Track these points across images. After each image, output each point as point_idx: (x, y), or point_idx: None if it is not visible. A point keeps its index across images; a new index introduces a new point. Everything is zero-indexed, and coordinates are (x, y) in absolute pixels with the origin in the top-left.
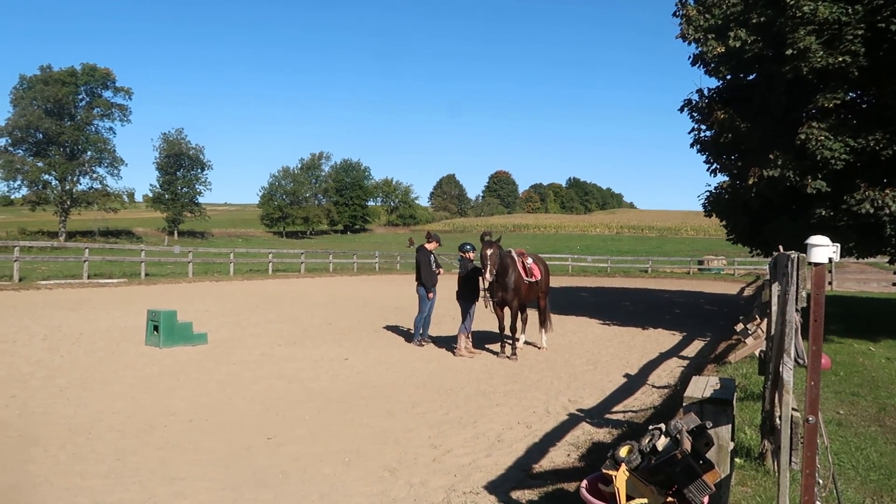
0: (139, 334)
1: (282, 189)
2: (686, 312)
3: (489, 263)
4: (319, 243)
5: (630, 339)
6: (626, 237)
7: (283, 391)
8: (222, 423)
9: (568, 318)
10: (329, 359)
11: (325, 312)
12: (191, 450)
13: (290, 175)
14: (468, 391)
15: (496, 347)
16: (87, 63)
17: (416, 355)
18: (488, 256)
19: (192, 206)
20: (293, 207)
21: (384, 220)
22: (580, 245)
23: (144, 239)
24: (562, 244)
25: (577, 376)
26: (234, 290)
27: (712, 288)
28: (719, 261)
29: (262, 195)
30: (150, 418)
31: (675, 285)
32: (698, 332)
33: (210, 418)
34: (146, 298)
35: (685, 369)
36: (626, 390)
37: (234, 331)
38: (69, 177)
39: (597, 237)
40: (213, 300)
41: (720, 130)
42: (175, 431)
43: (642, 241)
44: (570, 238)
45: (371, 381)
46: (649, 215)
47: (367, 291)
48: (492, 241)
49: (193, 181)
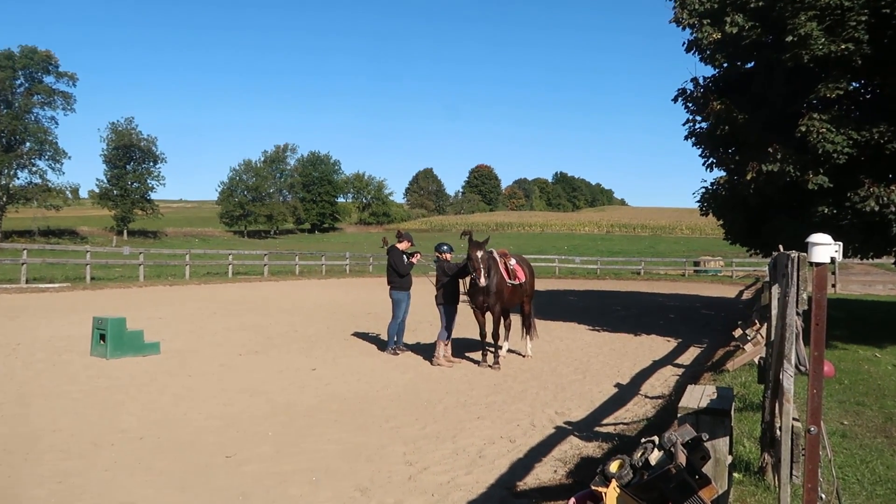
0: (84, 344)
1: (243, 184)
2: (681, 317)
3: (481, 267)
4: (284, 243)
5: (621, 346)
6: (616, 237)
7: (245, 405)
8: (177, 441)
9: (555, 323)
10: (295, 369)
11: (291, 319)
12: (142, 470)
13: (252, 169)
14: (447, 403)
15: (477, 356)
16: (26, 45)
17: (390, 365)
18: (479, 259)
19: (144, 202)
20: (255, 204)
21: (355, 219)
22: (568, 245)
23: (90, 239)
24: (548, 244)
25: (565, 386)
26: (191, 296)
27: (709, 291)
28: (716, 262)
29: (222, 191)
30: (96, 436)
31: (670, 288)
32: (694, 338)
33: (163, 436)
34: (92, 305)
35: (680, 378)
36: (618, 401)
37: (191, 340)
38: (6, 171)
39: (585, 237)
40: (167, 306)
41: (716, 122)
42: (124, 451)
43: (634, 241)
44: (557, 237)
45: (341, 394)
46: (642, 213)
47: (337, 296)
48: (479, 243)
49: (145, 176)
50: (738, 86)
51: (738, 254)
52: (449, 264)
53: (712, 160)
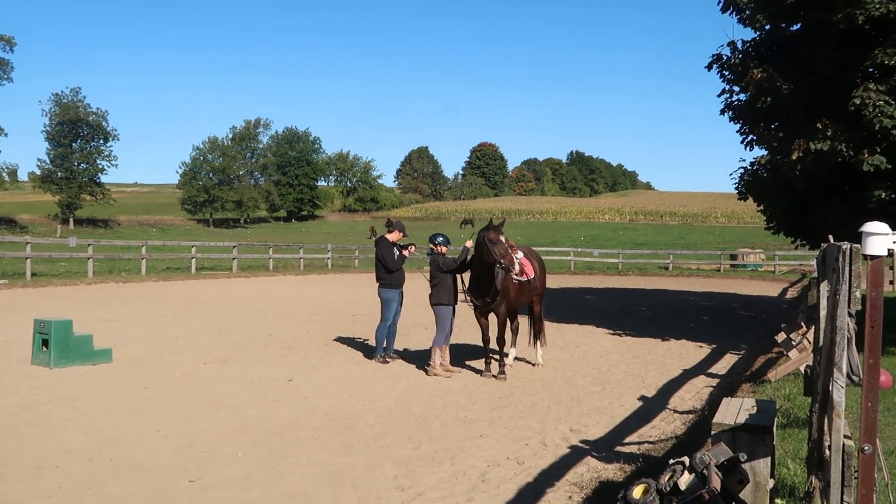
0: (23, 351)
1: (208, 166)
2: (716, 319)
3: (513, 254)
4: (256, 234)
5: (646, 352)
6: (641, 226)
7: (211, 421)
8: (132, 463)
9: (569, 326)
10: (269, 380)
11: (264, 321)
12: (91, 496)
13: (218, 148)
14: (445, 419)
15: (479, 364)
16: None
17: (379, 375)
18: (504, 242)
19: (93, 186)
20: (222, 189)
21: (339, 205)
22: (584, 236)
23: (30, 228)
24: (562, 234)
25: (581, 399)
26: (148, 294)
27: (748, 289)
28: (756, 255)
29: (183, 173)
30: (38, 458)
31: (703, 285)
32: (731, 343)
33: (116, 456)
34: (33, 305)
35: (714, 390)
36: (642, 416)
37: (148, 345)
38: None
39: (605, 226)
40: (121, 306)
41: (757, 93)
42: (71, 474)
43: (662, 231)
44: (573, 227)
45: (322, 408)
46: (670, 198)
47: (318, 295)
48: (497, 226)
49: (94, 155)
50: (782, 51)
51: (781, 245)
52: (445, 258)
53: (752, 137)
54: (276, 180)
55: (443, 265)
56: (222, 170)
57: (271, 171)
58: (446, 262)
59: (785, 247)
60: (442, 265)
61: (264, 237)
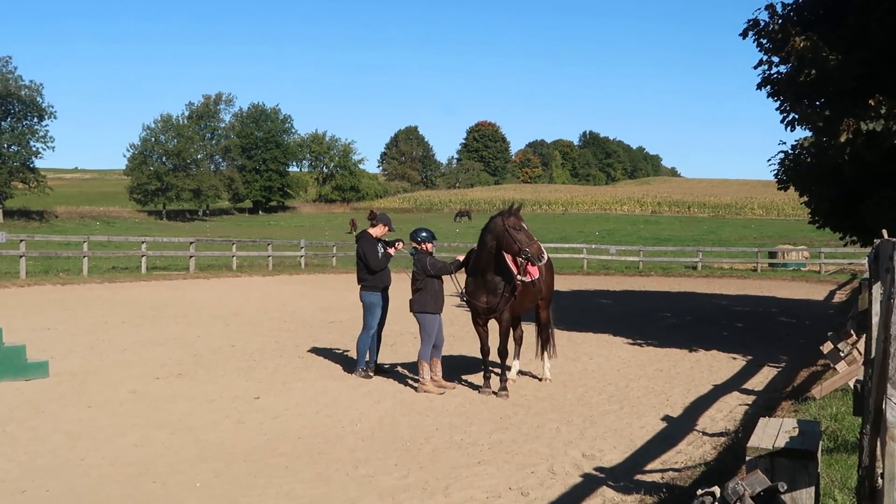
0: None
1: (161, 148)
2: (752, 327)
3: (534, 243)
4: (218, 228)
5: (671, 365)
6: (665, 218)
7: (165, 445)
8: (73, 495)
9: (582, 335)
10: (232, 398)
11: (227, 329)
12: None
13: (173, 127)
14: (437, 443)
15: (477, 379)
16: None
17: (360, 391)
18: (524, 229)
19: (26, 172)
20: (178, 175)
21: (313, 195)
22: (600, 230)
23: None
24: (573, 228)
25: (595, 420)
26: (91, 298)
27: (789, 291)
28: (799, 253)
29: (132, 157)
30: None
31: (737, 288)
32: (769, 354)
33: (53, 488)
34: None
35: (750, 408)
36: (666, 440)
37: (91, 358)
38: None
39: (624, 218)
40: (59, 312)
41: (799, 65)
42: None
43: (689, 225)
44: (586, 220)
45: (294, 430)
46: (699, 187)
47: (289, 298)
48: (516, 209)
49: (26, 136)
50: (828, 16)
51: (828, 241)
52: (433, 259)
53: (793, 116)
54: (240, 165)
55: (430, 267)
56: (177, 153)
57: (235, 154)
58: (435, 263)
59: (832, 243)
60: (430, 267)
61: (227, 232)
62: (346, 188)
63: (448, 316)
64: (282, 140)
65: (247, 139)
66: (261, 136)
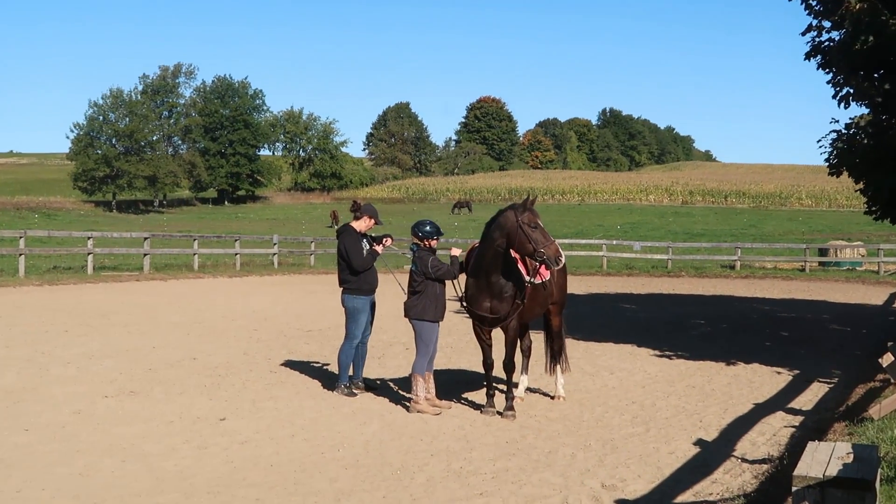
0: None
1: (110, 128)
2: (799, 336)
3: (552, 244)
4: (177, 221)
5: (705, 381)
6: (698, 209)
7: (114, 475)
8: None
9: (600, 346)
10: (193, 419)
11: (187, 340)
12: None
13: (124, 104)
14: (432, 472)
15: (478, 397)
16: None
17: (343, 411)
18: (540, 227)
19: None
20: (130, 160)
21: (288, 182)
22: (622, 223)
23: None
24: (591, 222)
25: (617, 445)
26: (28, 303)
27: (842, 295)
28: (854, 249)
29: (76, 139)
30: None
31: (781, 290)
32: (819, 368)
33: None
34: None
35: (797, 431)
36: (699, 467)
37: (28, 373)
38: None
39: (650, 210)
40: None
41: (854, 30)
42: None
43: (726, 217)
44: (606, 211)
45: (266, 457)
46: (737, 173)
47: (260, 303)
48: (532, 202)
49: None
50: None
51: (888, 236)
52: (435, 259)
53: (847, 90)
54: (202, 148)
55: (432, 269)
56: (129, 134)
57: (196, 135)
58: (439, 265)
59: (893, 238)
60: (431, 269)
61: (187, 226)
62: (326, 175)
63: (445, 323)
64: (251, 119)
65: (210, 118)
66: (227, 114)
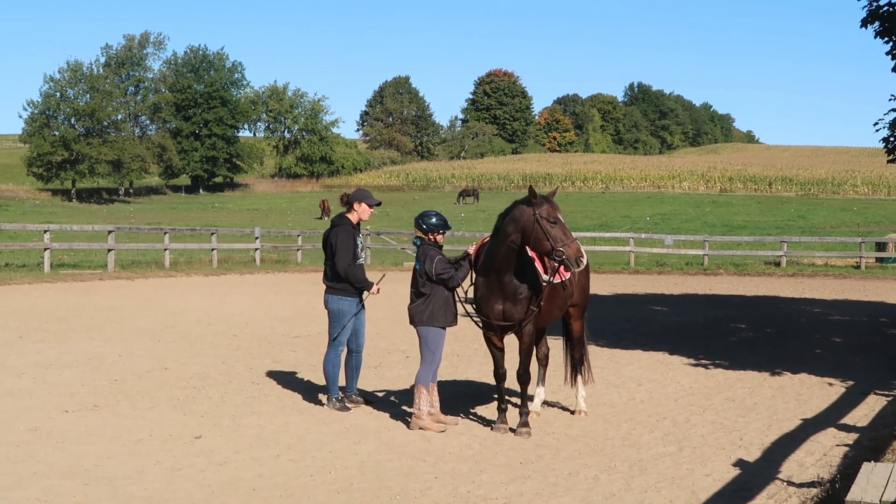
0: None
1: (69, 106)
2: (853, 342)
3: (573, 242)
4: (144, 211)
5: (746, 393)
6: (739, 198)
7: (76, 500)
8: None
9: (628, 354)
10: (165, 437)
11: (158, 347)
12: None
13: (84, 79)
14: (436, 497)
15: (489, 412)
16: None
17: (334, 428)
18: (560, 222)
19: None
20: (91, 142)
21: (271, 168)
22: (652, 214)
23: None
24: (616, 212)
25: (646, 466)
26: None
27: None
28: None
29: (30, 119)
30: None
31: (833, 290)
32: (876, 379)
33: None
34: None
35: (850, 450)
36: (739, 491)
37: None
38: None
39: (684, 198)
40: None
41: None
42: None
43: (770, 207)
44: (633, 200)
45: (247, 480)
46: (783, 157)
47: (240, 305)
48: (549, 195)
49: None
50: None
51: None
52: (441, 258)
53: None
54: (174, 129)
55: (435, 271)
56: (90, 113)
57: (166, 114)
58: (444, 267)
59: None
60: (434, 271)
61: (157, 217)
62: (314, 159)
63: (451, 328)
64: (229, 95)
65: (183, 94)
66: (201, 89)
